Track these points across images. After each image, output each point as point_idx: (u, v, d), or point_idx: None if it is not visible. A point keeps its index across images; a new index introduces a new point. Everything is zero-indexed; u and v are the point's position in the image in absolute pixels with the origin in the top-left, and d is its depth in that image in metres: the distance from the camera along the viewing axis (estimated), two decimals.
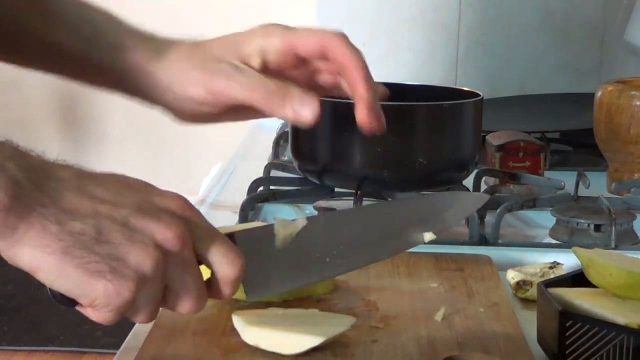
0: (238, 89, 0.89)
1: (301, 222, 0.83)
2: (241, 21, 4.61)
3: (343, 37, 0.91)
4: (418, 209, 0.87)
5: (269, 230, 0.83)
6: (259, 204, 1.29)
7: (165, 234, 0.74)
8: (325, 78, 0.95)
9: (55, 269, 0.71)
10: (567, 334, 0.79)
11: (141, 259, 0.73)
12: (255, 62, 0.90)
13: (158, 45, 0.94)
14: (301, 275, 0.83)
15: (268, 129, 1.79)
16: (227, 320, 0.87)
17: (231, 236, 0.80)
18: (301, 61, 0.92)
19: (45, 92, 4.21)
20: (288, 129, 1.31)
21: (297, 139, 1.28)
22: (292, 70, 0.93)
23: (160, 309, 0.77)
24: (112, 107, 4.11)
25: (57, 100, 4.23)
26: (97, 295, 0.72)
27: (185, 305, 0.76)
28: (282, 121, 1.60)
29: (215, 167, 1.65)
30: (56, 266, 0.71)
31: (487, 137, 1.45)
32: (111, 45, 0.94)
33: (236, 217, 1.22)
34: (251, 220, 1.22)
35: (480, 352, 0.81)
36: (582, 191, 1.29)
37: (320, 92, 0.94)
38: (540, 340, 0.85)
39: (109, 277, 0.72)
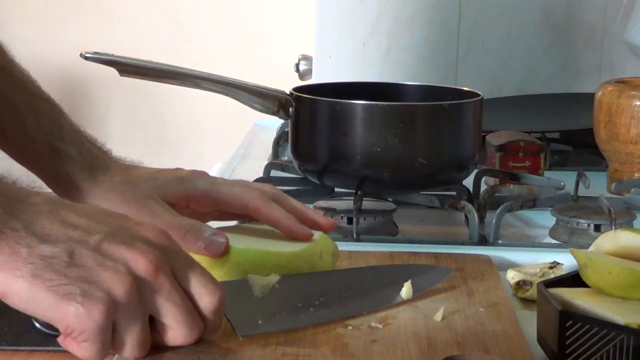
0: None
1: (274, 279, 0.87)
2: (241, 21, 4.61)
3: (264, 196, 0.99)
4: (394, 274, 0.95)
5: (243, 283, 0.86)
6: None
7: (138, 261, 0.74)
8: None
9: (26, 293, 0.71)
10: (567, 334, 0.79)
11: (113, 283, 0.72)
12: (179, 206, 0.98)
13: (95, 166, 0.99)
14: (290, 319, 0.86)
15: (268, 129, 1.79)
16: (225, 322, 0.87)
17: None
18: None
19: None
20: (288, 129, 1.31)
21: (297, 139, 1.28)
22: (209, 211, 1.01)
23: None
24: (112, 108, 4.11)
25: (57, 101, 4.23)
26: (69, 320, 0.72)
27: (175, 335, 0.76)
28: (282, 121, 1.60)
29: (215, 167, 1.65)
30: (26, 289, 0.71)
31: (487, 137, 1.45)
32: (53, 148, 0.98)
33: None
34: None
35: (481, 352, 0.81)
36: (582, 191, 1.29)
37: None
38: (540, 340, 0.85)
39: (80, 299, 0.71)
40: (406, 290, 0.92)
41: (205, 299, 0.78)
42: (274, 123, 1.71)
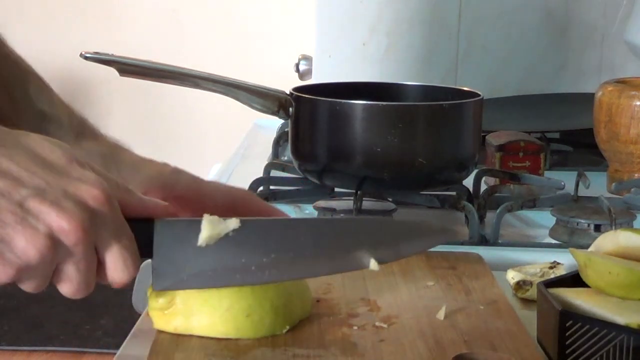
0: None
1: (233, 224, 0.80)
2: (241, 21, 4.60)
3: (251, 194, 0.95)
4: (375, 231, 0.85)
5: (195, 225, 0.80)
6: None
7: (61, 224, 0.71)
8: None
9: None
10: (567, 334, 0.79)
11: (27, 247, 0.70)
12: (159, 196, 0.88)
13: (83, 133, 0.95)
14: (217, 279, 0.80)
15: (268, 129, 1.79)
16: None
17: (150, 223, 0.78)
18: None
19: None
20: (288, 129, 1.31)
21: (297, 139, 1.28)
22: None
23: None
24: (112, 108, 4.11)
25: None
26: None
27: (67, 288, 0.74)
28: (282, 121, 1.60)
29: (215, 167, 1.65)
30: None
31: (487, 137, 1.45)
32: (41, 113, 0.95)
33: None
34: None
35: (488, 350, 0.81)
36: (582, 191, 1.29)
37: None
38: (540, 340, 0.85)
39: None
40: (373, 264, 0.83)
41: (115, 274, 0.75)
42: (274, 123, 1.71)
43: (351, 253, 0.83)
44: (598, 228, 1.19)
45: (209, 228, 0.80)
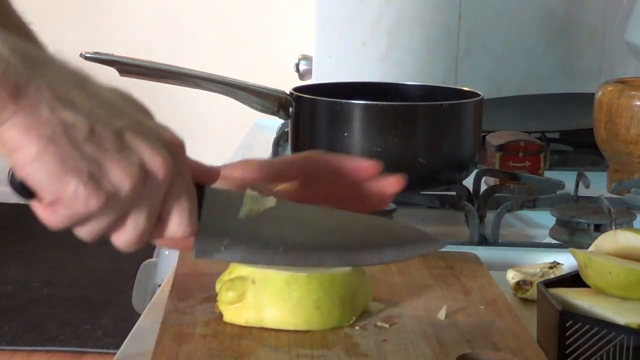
0: None
1: (270, 202, 0.84)
2: (241, 21, 4.60)
3: (316, 154, 0.96)
4: (384, 231, 0.90)
5: (238, 198, 0.83)
6: None
7: (154, 159, 0.71)
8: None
9: (35, 153, 0.68)
10: (567, 334, 0.79)
11: (122, 177, 0.70)
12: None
13: None
14: (251, 254, 0.84)
15: (268, 128, 1.79)
16: (232, 324, 0.87)
17: (201, 188, 0.79)
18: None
19: None
20: (288, 129, 1.31)
21: (297, 139, 1.28)
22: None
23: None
24: None
25: None
26: (64, 193, 0.69)
27: (126, 236, 0.74)
28: (282, 121, 1.60)
29: None
30: (37, 150, 0.68)
31: (487, 137, 1.45)
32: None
33: None
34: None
35: (491, 349, 0.81)
36: (582, 191, 1.29)
37: None
38: (540, 340, 0.85)
39: (85, 179, 0.69)
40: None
41: (178, 228, 0.76)
42: (274, 123, 1.71)
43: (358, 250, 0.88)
44: (598, 228, 1.19)
45: (250, 202, 0.83)
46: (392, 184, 0.95)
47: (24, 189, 0.71)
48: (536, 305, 0.87)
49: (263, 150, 1.66)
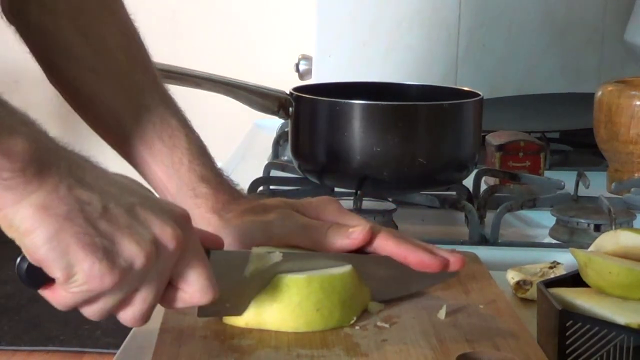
0: (293, 228, 0.93)
1: (276, 257, 0.86)
2: (241, 21, 4.59)
3: (391, 232, 0.95)
4: (389, 272, 0.92)
5: (244, 256, 0.85)
6: None
7: (165, 231, 0.73)
8: None
9: (52, 232, 0.69)
10: (567, 334, 0.79)
11: (136, 252, 0.72)
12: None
13: (226, 200, 0.97)
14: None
15: (268, 129, 1.79)
16: (231, 325, 0.87)
17: (207, 252, 0.80)
18: None
19: (45, 92, 4.20)
20: (288, 129, 1.31)
21: (297, 139, 1.28)
22: None
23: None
24: None
25: (57, 100, 4.23)
26: (80, 270, 0.70)
27: (132, 313, 0.75)
28: (282, 121, 1.60)
29: None
30: (54, 229, 0.69)
31: (487, 137, 1.45)
32: (187, 187, 0.97)
33: None
34: None
35: (491, 348, 0.81)
36: (582, 191, 1.29)
37: None
38: (540, 340, 0.85)
39: (100, 256, 0.70)
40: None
41: (198, 294, 0.77)
42: (274, 123, 1.71)
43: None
44: (598, 228, 1.19)
45: (256, 261, 0.85)
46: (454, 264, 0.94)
47: (33, 276, 0.72)
48: (536, 305, 0.87)
49: (263, 150, 1.66)
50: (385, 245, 0.93)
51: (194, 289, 0.77)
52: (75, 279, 0.71)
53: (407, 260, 0.92)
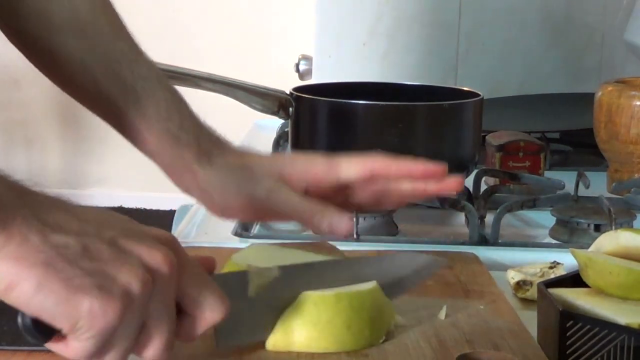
0: (279, 206, 0.92)
1: (274, 272, 0.83)
2: (241, 21, 4.58)
3: (385, 158, 0.95)
4: (380, 272, 0.89)
5: (243, 277, 0.82)
6: None
7: (154, 255, 0.71)
8: (360, 197, 0.96)
9: (36, 284, 0.67)
10: (567, 334, 0.79)
11: (130, 279, 0.69)
12: (298, 186, 0.93)
13: (212, 152, 0.96)
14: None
15: (268, 129, 1.79)
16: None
17: None
18: (340, 186, 0.95)
19: (45, 92, 4.21)
20: (288, 129, 1.31)
21: (297, 139, 1.28)
22: (329, 194, 0.95)
23: None
24: None
25: (57, 100, 4.24)
26: (80, 315, 0.67)
27: (154, 348, 0.72)
28: (282, 121, 1.60)
29: None
30: (37, 280, 0.66)
31: (487, 137, 1.45)
32: (170, 134, 0.95)
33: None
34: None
35: (491, 349, 0.81)
36: (582, 191, 1.29)
37: (352, 209, 0.97)
38: (540, 340, 0.85)
39: (95, 293, 0.67)
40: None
41: (212, 313, 0.74)
42: (274, 123, 1.71)
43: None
44: (598, 228, 1.19)
45: (256, 278, 0.82)
46: (452, 185, 0.94)
47: (39, 329, 0.69)
48: (536, 305, 0.87)
49: (263, 150, 1.66)
50: (388, 166, 0.93)
51: (204, 307, 0.74)
52: (80, 325, 0.68)
53: (412, 172, 0.92)
